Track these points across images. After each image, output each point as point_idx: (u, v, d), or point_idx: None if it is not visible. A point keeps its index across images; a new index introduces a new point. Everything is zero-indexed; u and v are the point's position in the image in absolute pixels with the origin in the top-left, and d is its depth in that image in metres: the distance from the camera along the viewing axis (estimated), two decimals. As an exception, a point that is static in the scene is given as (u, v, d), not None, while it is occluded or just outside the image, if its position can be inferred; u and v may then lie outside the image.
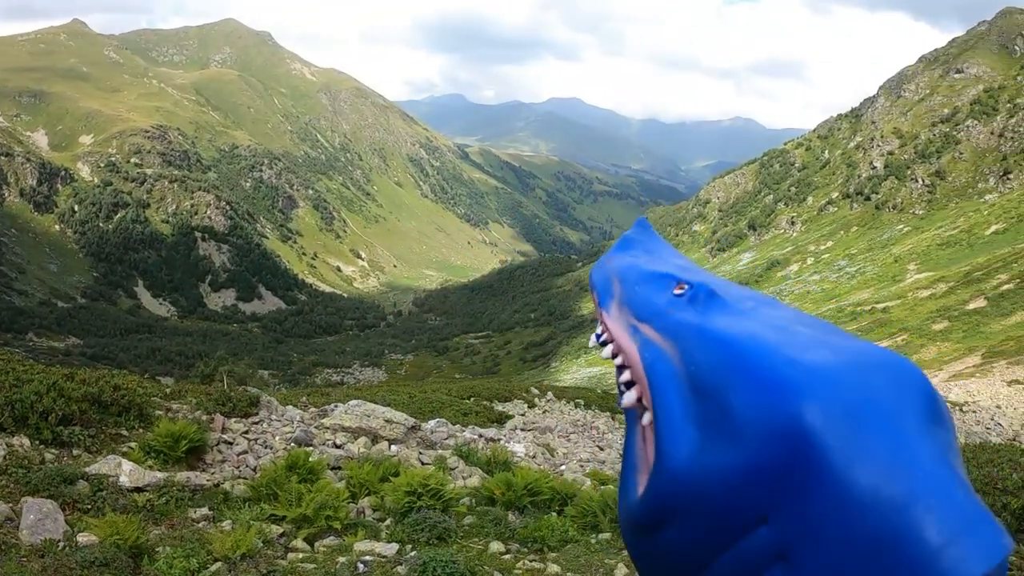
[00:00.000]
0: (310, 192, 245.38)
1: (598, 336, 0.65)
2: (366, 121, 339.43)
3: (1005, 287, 63.01)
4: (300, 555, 6.11)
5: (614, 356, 0.60)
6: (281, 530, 6.66)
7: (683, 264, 0.70)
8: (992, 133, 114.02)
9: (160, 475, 7.31)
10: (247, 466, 9.24)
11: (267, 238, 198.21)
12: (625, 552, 7.51)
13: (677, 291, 0.58)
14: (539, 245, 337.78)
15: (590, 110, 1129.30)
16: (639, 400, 0.56)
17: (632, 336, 0.56)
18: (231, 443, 9.76)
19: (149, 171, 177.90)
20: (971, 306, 62.16)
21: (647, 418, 0.52)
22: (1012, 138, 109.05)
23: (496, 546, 7.10)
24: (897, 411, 0.43)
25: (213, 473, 8.39)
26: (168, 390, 11.59)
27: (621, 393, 0.60)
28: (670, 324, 0.53)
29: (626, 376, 0.57)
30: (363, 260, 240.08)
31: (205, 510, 6.90)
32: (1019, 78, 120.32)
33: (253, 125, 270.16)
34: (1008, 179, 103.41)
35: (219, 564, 5.44)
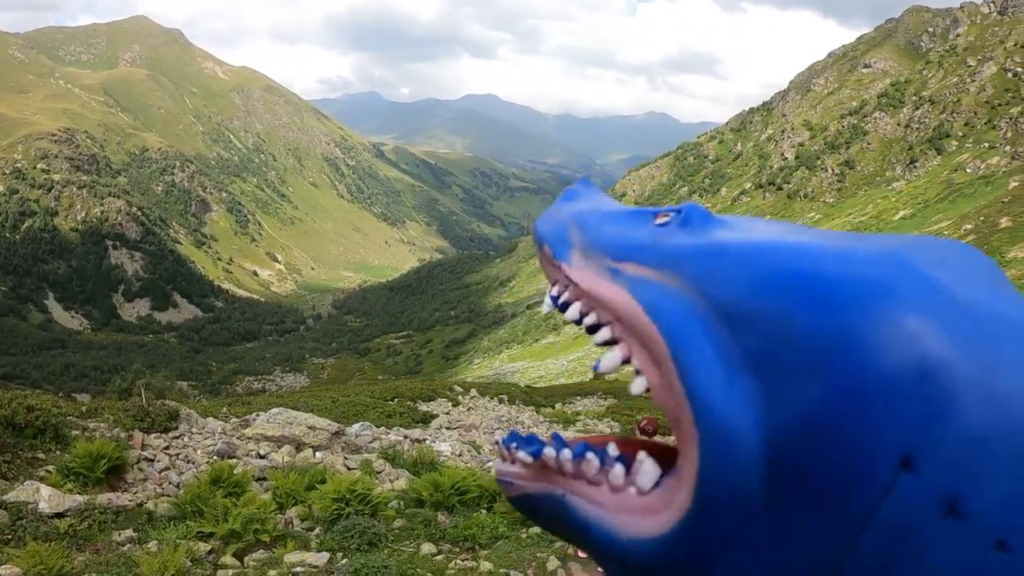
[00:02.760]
0: (224, 195, 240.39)
1: (554, 298, 0.51)
2: (280, 120, 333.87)
3: (912, 270, 65.60)
4: (230, 571, 6.05)
5: (584, 315, 0.46)
6: (209, 547, 6.58)
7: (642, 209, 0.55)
8: (899, 124, 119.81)
9: (80, 499, 7.13)
10: (170, 483, 9.06)
11: (181, 244, 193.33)
12: (557, 544, 7.71)
13: (660, 220, 0.48)
14: (457, 242, 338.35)
15: (506, 106, 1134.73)
16: (622, 362, 0.43)
17: (612, 279, 0.43)
18: (152, 460, 9.56)
19: (57, 177, 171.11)
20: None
21: (639, 384, 0.40)
22: (918, 129, 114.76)
23: (428, 548, 7.17)
24: (989, 283, 0.35)
25: (135, 493, 8.22)
26: (84, 408, 11.25)
27: (533, 457, 0.46)
28: (666, 253, 0.41)
29: (605, 334, 0.43)
30: (280, 263, 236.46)
31: (130, 532, 6.75)
32: (924, 72, 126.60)
33: (164, 126, 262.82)
34: (914, 167, 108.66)
35: None
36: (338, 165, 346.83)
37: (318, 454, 11.08)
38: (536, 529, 8.30)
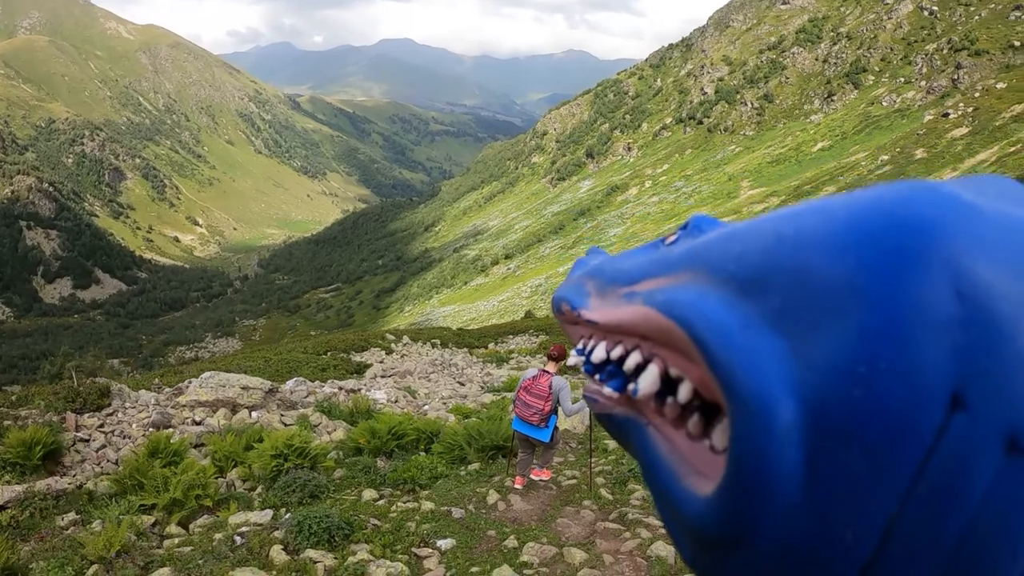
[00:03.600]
0: (137, 161, 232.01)
1: (580, 350, 0.49)
2: (190, 78, 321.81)
3: (830, 197, 68.03)
4: (176, 540, 6.09)
5: (610, 351, 0.45)
6: (153, 519, 6.59)
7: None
8: (816, 59, 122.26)
9: (19, 488, 7.03)
10: (108, 460, 8.98)
11: (97, 217, 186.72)
12: (496, 478, 7.95)
13: (670, 240, 0.47)
14: (379, 190, 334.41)
15: (423, 50, 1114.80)
16: (664, 378, 0.40)
17: (628, 302, 0.43)
18: (88, 440, 9.43)
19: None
20: (800, 216, 66.79)
21: (685, 390, 0.37)
22: (835, 63, 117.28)
23: (369, 493, 7.34)
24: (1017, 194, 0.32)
25: (75, 475, 8.12)
26: (14, 397, 10.98)
27: (617, 390, 0.44)
28: (675, 258, 0.40)
29: (635, 359, 0.41)
30: (201, 227, 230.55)
31: (73, 515, 6.71)
32: (843, 9, 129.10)
33: (70, 95, 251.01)
34: (832, 101, 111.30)
35: (95, 567, 5.35)
36: (253, 120, 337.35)
37: (254, 414, 11.07)
38: (475, 466, 8.55)
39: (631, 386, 0.40)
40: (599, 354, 0.45)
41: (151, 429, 9.95)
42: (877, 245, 0.28)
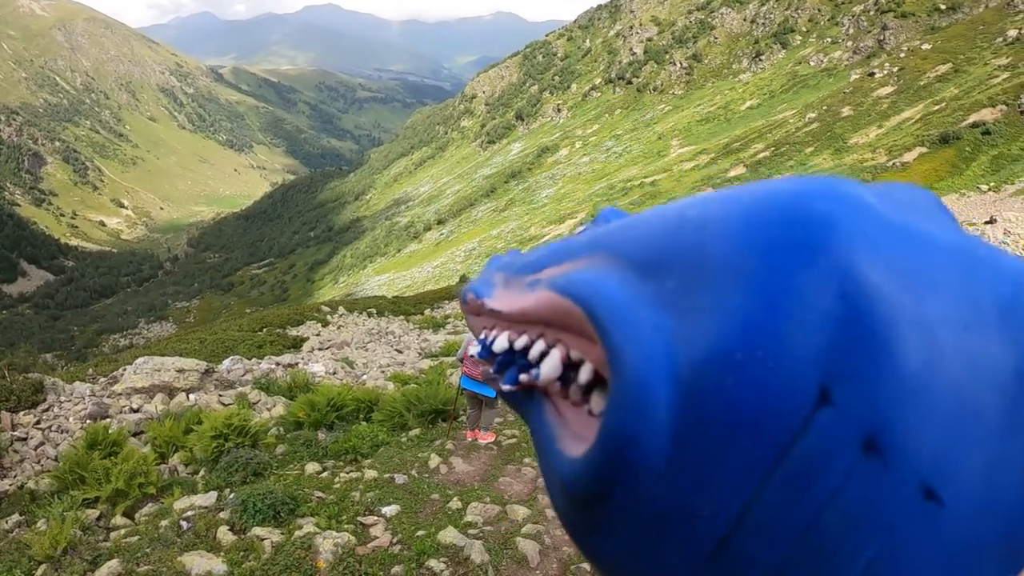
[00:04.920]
0: (57, 144, 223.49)
1: (483, 341, 0.46)
2: (108, 55, 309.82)
3: (762, 155, 69.61)
4: (123, 531, 6.05)
5: (513, 341, 0.42)
6: (98, 512, 6.56)
7: None
8: (745, 20, 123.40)
9: None
10: (48, 457, 8.86)
11: (19, 205, 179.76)
12: (436, 442, 8.12)
13: (577, 231, 0.43)
14: (308, 160, 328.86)
15: (348, 16, 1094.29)
16: (567, 363, 0.38)
17: (531, 290, 0.41)
18: (25, 439, 9.27)
19: None
20: (732, 173, 68.21)
21: (585, 372, 0.36)
22: (763, 24, 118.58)
23: (312, 467, 7.42)
24: (926, 216, 0.31)
25: (15, 476, 8.02)
26: (-56, 404, 10.69)
27: (512, 384, 0.42)
28: (579, 245, 0.39)
29: (539, 347, 0.40)
30: (127, 209, 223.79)
31: (16, 516, 6.63)
32: None
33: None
34: (760, 60, 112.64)
35: (44, 566, 5.32)
36: (175, 95, 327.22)
37: (191, 396, 11.01)
38: (415, 432, 8.69)
39: (533, 371, 0.39)
40: (501, 343, 0.43)
41: (88, 421, 9.85)
42: (769, 234, 0.28)
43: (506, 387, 0.41)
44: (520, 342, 0.41)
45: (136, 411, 10.47)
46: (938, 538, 0.25)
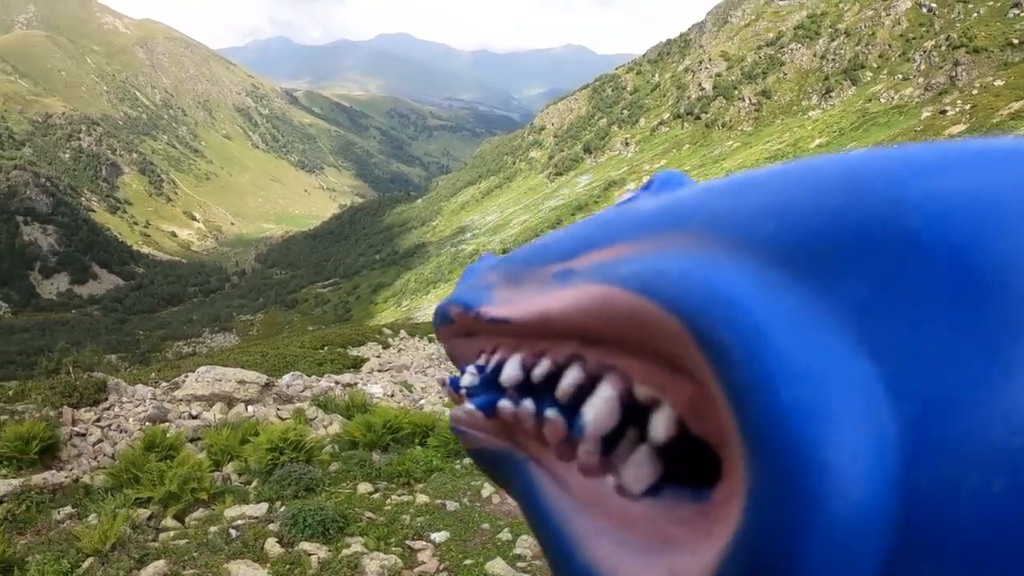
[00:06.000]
0: (135, 156, 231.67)
1: (481, 367, 0.34)
2: (187, 73, 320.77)
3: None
4: (172, 533, 6.11)
5: (531, 367, 0.30)
6: (149, 512, 6.61)
7: None
8: (815, 55, 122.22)
9: (16, 482, 7.07)
10: (104, 455, 9.02)
11: (95, 212, 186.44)
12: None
13: (623, 197, 0.33)
14: (377, 184, 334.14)
15: (421, 44, 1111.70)
16: (627, 407, 0.25)
17: (564, 284, 0.27)
18: (84, 434, 9.47)
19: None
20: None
21: (660, 425, 0.23)
22: (833, 60, 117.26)
23: (364, 487, 7.37)
24: None
25: (71, 469, 8.16)
26: (11, 392, 11.02)
27: (481, 409, 0.33)
28: (647, 216, 0.26)
29: (573, 378, 0.27)
30: (199, 221, 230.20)
31: (69, 508, 6.74)
32: (841, 5, 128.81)
33: (67, 90, 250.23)
34: (830, 97, 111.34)
35: (91, 560, 5.37)
36: (251, 115, 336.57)
37: (250, 408, 11.11)
38: (469, 459, 8.58)
39: (578, 421, 0.26)
40: (511, 372, 0.30)
41: (147, 423, 9.99)
42: None
43: (469, 411, 0.32)
44: (541, 368, 0.28)
45: (194, 417, 10.60)
46: None
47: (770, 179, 0.21)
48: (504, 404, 0.29)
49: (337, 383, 14.96)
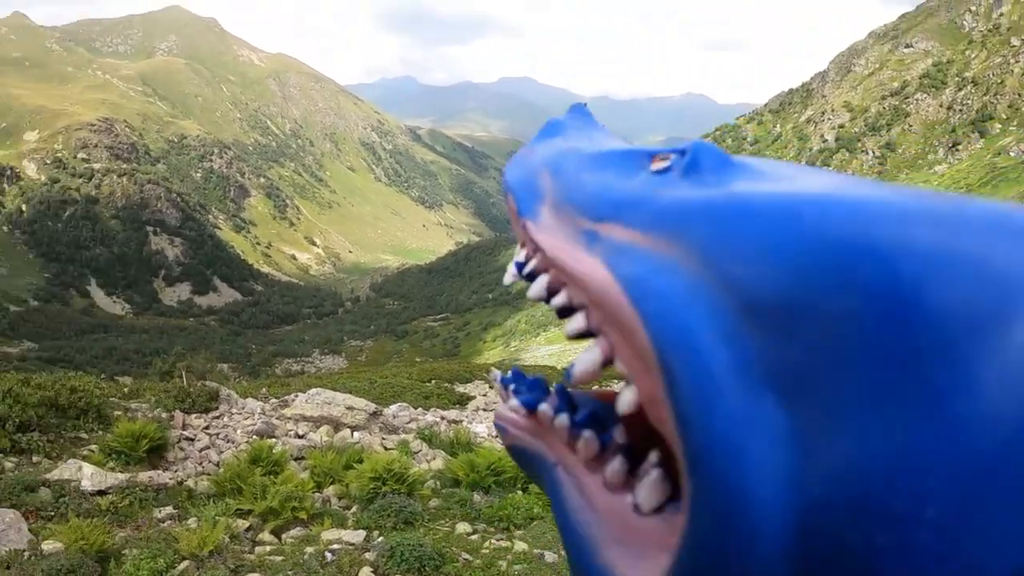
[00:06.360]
0: (262, 180, 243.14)
1: (520, 265, 0.40)
2: (316, 106, 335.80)
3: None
4: (268, 548, 6.13)
5: (551, 293, 0.35)
6: (247, 524, 6.67)
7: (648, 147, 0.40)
8: (941, 106, 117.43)
9: (122, 476, 7.27)
10: (210, 462, 9.21)
11: (220, 229, 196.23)
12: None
13: (658, 164, 0.34)
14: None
15: (542, 89, 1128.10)
16: (604, 364, 0.30)
17: (588, 247, 0.31)
18: (192, 439, 9.72)
19: (97, 166, 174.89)
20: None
21: (627, 398, 0.27)
22: (960, 110, 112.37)
23: (463, 527, 7.20)
24: None
25: (176, 471, 8.35)
26: (126, 389, 11.46)
27: (527, 407, 0.36)
28: (663, 210, 0.28)
29: (578, 322, 0.32)
30: (318, 247, 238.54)
31: (170, 509, 6.88)
32: (967, 52, 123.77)
33: (202, 114, 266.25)
34: (957, 150, 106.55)
35: (187, 563, 5.42)
36: (375, 149, 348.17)
37: (356, 434, 11.16)
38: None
39: (571, 366, 0.31)
40: (538, 289, 0.36)
41: (255, 437, 10.16)
42: (987, 329, 0.19)
43: (514, 407, 0.35)
44: (559, 300, 0.34)
45: (300, 437, 10.72)
46: None
47: (772, 209, 0.24)
48: (544, 408, 0.32)
49: (443, 418, 14.93)
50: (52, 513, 6.25)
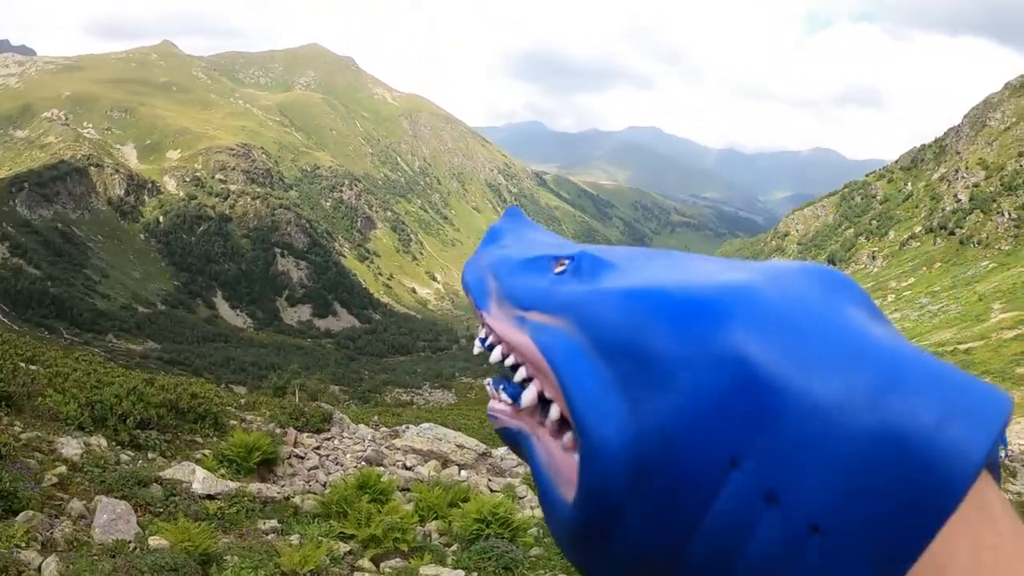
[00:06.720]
0: (389, 214, 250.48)
1: (483, 340, 0.57)
2: (446, 146, 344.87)
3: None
4: (366, 575, 6.00)
5: (504, 357, 0.53)
6: (348, 548, 6.60)
7: (557, 242, 0.62)
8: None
9: (232, 484, 7.34)
10: (317, 481, 9.24)
11: (344, 257, 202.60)
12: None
13: (558, 269, 0.52)
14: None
15: (668, 139, 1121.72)
16: (541, 395, 0.48)
17: (519, 327, 0.50)
18: (302, 457, 9.80)
19: (233, 187, 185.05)
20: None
21: (555, 411, 0.45)
22: None
23: (563, 578, 6.88)
24: (831, 308, 0.38)
25: (283, 486, 8.40)
26: (243, 401, 11.75)
27: (512, 399, 0.51)
28: (559, 301, 0.47)
29: (522, 373, 0.50)
30: (438, 283, 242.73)
31: (274, 522, 6.90)
32: None
33: (335, 147, 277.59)
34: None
35: None
36: (500, 191, 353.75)
37: (463, 472, 11.03)
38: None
39: (520, 396, 0.49)
40: (496, 356, 0.54)
41: (363, 463, 10.17)
42: (694, 341, 0.36)
43: (504, 399, 0.51)
44: (509, 361, 0.52)
45: (408, 469, 10.66)
46: (824, 558, 0.32)
47: (611, 300, 0.43)
48: (527, 396, 0.48)
49: (550, 464, 14.61)
50: (161, 510, 6.34)
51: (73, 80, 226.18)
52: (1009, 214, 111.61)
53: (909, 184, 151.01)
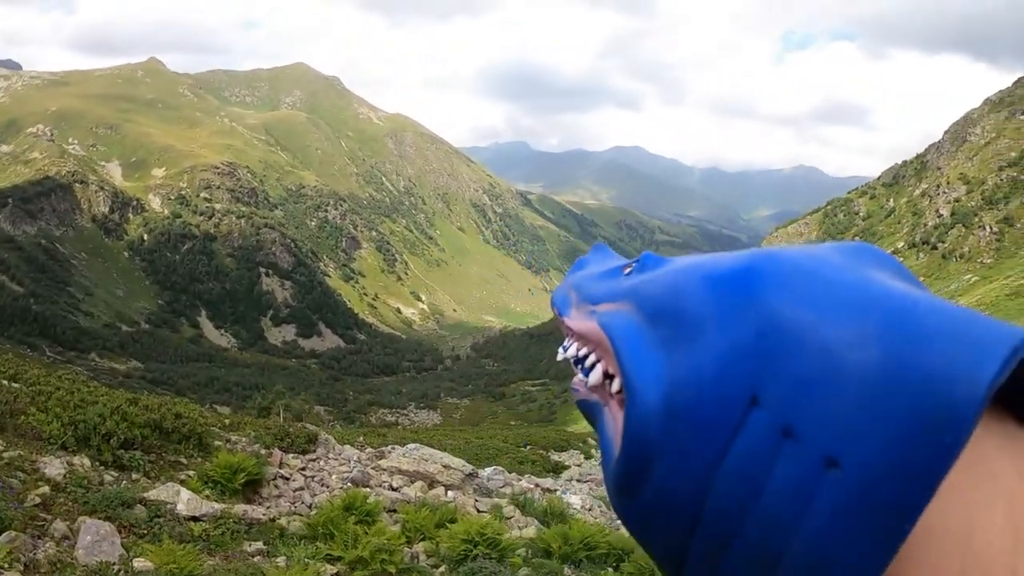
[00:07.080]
0: (374, 234, 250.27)
1: (565, 348, 0.65)
2: (430, 166, 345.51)
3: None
4: (353, 597, 5.95)
5: (579, 350, 0.60)
6: (335, 570, 6.55)
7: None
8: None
9: (217, 506, 7.28)
10: (303, 503, 9.17)
11: (329, 277, 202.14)
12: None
13: (626, 271, 0.60)
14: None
15: (652, 159, 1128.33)
16: (606, 372, 0.55)
17: (590, 317, 0.58)
18: (288, 479, 9.73)
19: (218, 206, 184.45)
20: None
21: (616, 384, 0.51)
22: None
23: (553, 600, 6.84)
24: (852, 266, 0.42)
25: (269, 508, 8.33)
26: (227, 421, 11.66)
27: (584, 379, 0.58)
28: (622, 290, 0.54)
29: (592, 359, 0.57)
30: (423, 303, 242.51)
31: (260, 544, 6.84)
32: None
33: (320, 166, 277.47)
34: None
35: None
36: (485, 211, 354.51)
37: (450, 493, 10.98)
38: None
39: (589, 376, 0.55)
40: (571, 352, 0.61)
41: (349, 484, 10.10)
42: (718, 295, 0.42)
43: (581, 378, 0.58)
44: (583, 352, 0.59)
45: (394, 490, 10.60)
46: (842, 495, 0.34)
47: (658, 279, 0.50)
48: (594, 375, 0.54)
49: (537, 486, 14.62)
50: (145, 532, 6.27)
51: (59, 96, 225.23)
52: (990, 228, 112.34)
53: (891, 200, 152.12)
